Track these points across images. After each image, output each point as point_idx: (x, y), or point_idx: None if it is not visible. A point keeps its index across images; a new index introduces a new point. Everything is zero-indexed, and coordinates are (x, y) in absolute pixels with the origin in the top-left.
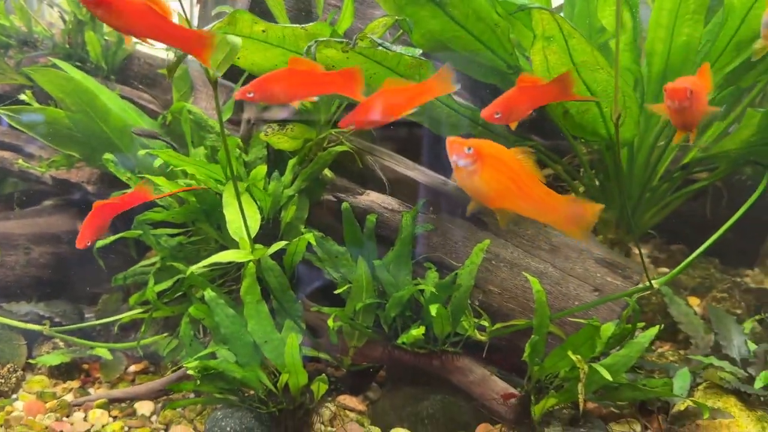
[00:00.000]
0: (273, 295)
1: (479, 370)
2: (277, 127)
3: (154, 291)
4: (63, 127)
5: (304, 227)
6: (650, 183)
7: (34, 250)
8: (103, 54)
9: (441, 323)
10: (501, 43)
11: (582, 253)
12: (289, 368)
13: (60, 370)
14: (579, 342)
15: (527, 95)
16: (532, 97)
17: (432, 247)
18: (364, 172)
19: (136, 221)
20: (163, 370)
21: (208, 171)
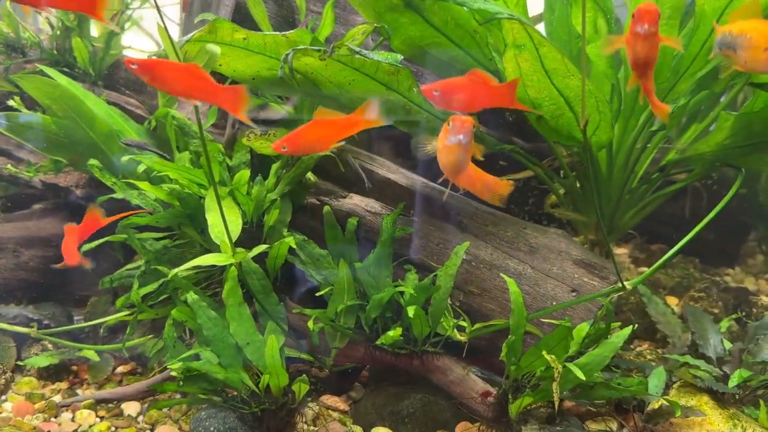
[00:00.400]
0: (255, 297)
1: (458, 369)
2: (260, 132)
3: (139, 294)
4: (50, 133)
5: (287, 230)
6: (629, 185)
7: (23, 254)
8: (91, 60)
9: (420, 324)
10: (480, 48)
11: (560, 254)
12: (270, 369)
13: (49, 372)
14: (553, 342)
15: (473, 89)
16: (476, 92)
17: (413, 249)
18: (348, 175)
19: (121, 226)
20: (150, 372)
21: (192, 176)
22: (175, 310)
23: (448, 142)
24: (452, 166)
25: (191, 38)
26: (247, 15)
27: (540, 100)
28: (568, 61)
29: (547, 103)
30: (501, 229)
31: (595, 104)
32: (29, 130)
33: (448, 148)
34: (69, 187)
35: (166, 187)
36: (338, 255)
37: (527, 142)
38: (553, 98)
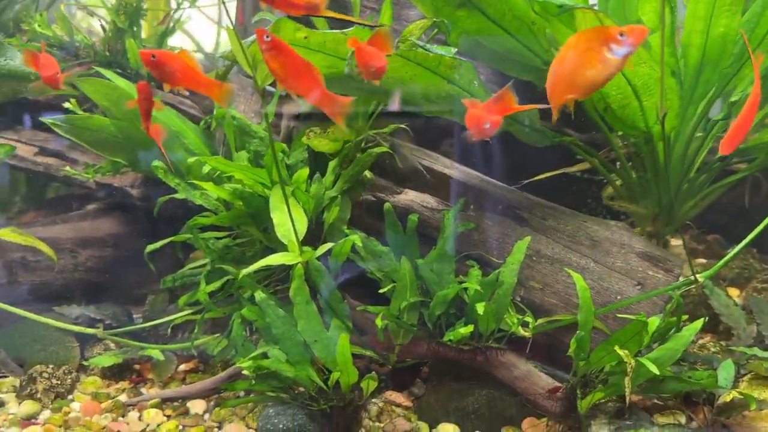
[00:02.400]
0: (320, 295)
1: (523, 365)
2: (319, 131)
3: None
4: (109, 135)
5: (346, 228)
6: (688, 175)
7: (80, 254)
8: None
9: (486, 321)
10: (537, 40)
11: (623, 248)
12: (340, 367)
13: (112, 371)
14: (626, 337)
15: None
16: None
17: (472, 245)
18: (402, 171)
19: (187, 226)
20: (212, 369)
21: (254, 175)
22: (245, 309)
23: (614, 54)
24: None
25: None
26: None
27: (608, 89)
28: (641, 50)
29: (615, 92)
30: (561, 223)
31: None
32: (87, 132)
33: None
34: (124, 187)
35: (228, 187)
36: (399, 251)
37: (581, 133)
38: (621, 87)
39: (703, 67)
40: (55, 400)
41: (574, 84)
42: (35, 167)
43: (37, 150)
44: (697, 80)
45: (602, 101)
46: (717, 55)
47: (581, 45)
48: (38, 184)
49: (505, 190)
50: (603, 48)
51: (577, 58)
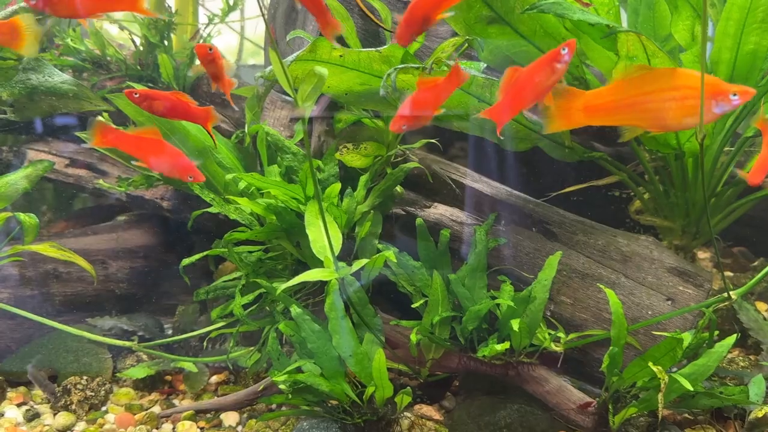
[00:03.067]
0: (354, 309)
1: (555, 379)
2: (352, 146)
3: (240, 306)
4: None
5: (377, 242)
6: (715, 189)
7: (111, 265)
8: (175, 75)
9: (520, 337)
10: None
11: (653, 262)
12: (376, 382)
13: (144, 383)
14: (660, 353)
15: (431, 94)
16: (435, 95)
17: (502, 259)
18: (431, 184)
19: (224, 240)
20: (244, 380)
21: (289, 191)
22: (281, 324)
23: (717, 110)
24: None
25: (295, 58)
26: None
27: None
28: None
29: None
30: (591, 238)
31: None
32: None
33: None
34: (155, 199)
35: (262, 202)
36: (431, 266)
37: (608, 146)
38: None
39: (732, 83)
40: (89, 411)
41: (667, 122)
42: (66, 179)
43: (68, 162)
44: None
45: None
46: (746, 72)
47: (687, 91)
48: (67, 195)
49: (534, 204)
50: (710, 101)
51: (678, 103)
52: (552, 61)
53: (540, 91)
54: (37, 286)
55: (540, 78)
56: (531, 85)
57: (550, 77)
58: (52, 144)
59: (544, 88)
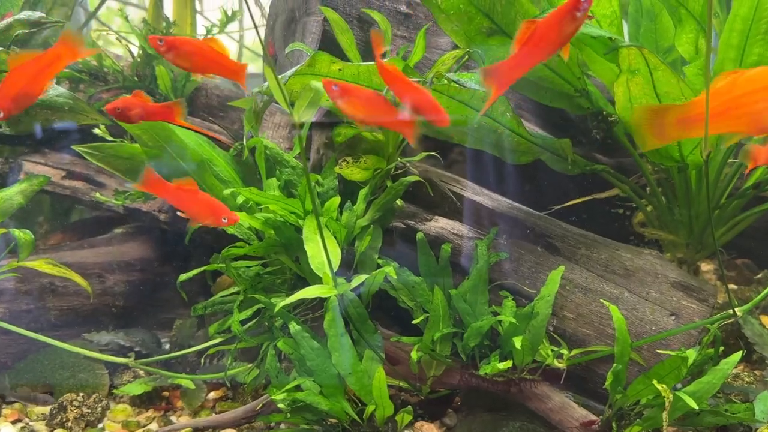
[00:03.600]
0: (353, 325)
1: (557, 396)
2: (351, 160)
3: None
4: (140, 162)
5: (377, 256)
6: (719, 202)
7: (108, 279)
8: (173, 86)
9: (522, 354)
10: (569, 67)
11: (657, 277)
12: (376, 401)
13: (141, 399)
14: (664, 371)
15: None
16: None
17: (504, 273)
18: (431, 197)
19: (222, 256)
20: (242, 397)
21: (287, 205)
22: (280, 342)
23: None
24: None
25: (294, 72)
26: (333, 41)
27: None
28: (684, 85)
29: None
30: (594, 252)
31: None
32: (119, 160)
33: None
34: (152, 211)
35: (260, 216)
36: (432, 282)
37: (610, 157)
38: None
39: None
40: (85, 428)
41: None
42: (63, 191)
43: (65, 173)
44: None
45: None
46: None
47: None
48: (63, 207)
49: (536, 218)
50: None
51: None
52: (572, 10)
53: (559, 43)
54: (33, 301)
55: (559, 28)
56: (550, 37)
57: (569, 27)
58: (48, 156)
59: (563, 39)
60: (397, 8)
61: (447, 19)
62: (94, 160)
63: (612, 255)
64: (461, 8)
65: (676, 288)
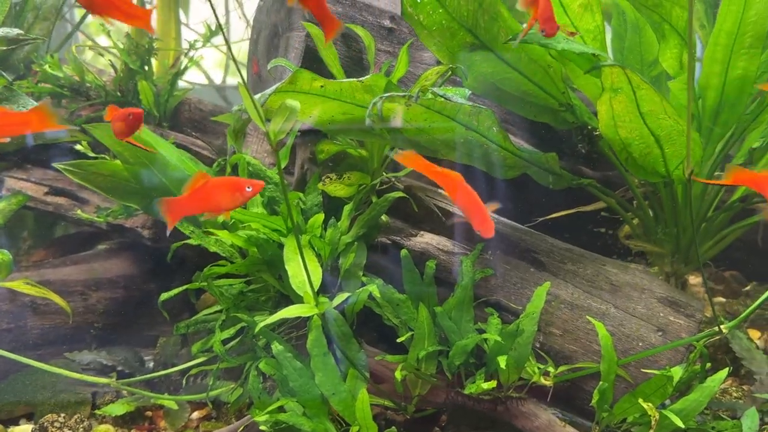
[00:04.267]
0: (337, 344)
1: (544, 414)
2: (335, 176)
3: (220, 341)
4: (121, 180)
5: (362, 274)
6: (706, 215)
7: (91, 296)
8: (156, 102)
9: (508, 373)
10: (553, 82)
11: (644, 292)
12: (359, 422)
13: (124, 419)
14: (650, 390)
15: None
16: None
17: (490, 289)
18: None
19: (202, 275)
20: (226, 416)
21: (270, 223)
22: (262, 363)
23: None
24: None
25: (274, 90)
26: (317, 57)
27: (630, 140)
28: (666, 104)
29: (637, 142)
30: (580, 267)
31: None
32: (99, 177)
33: None
34: (135, 228)
35: (242, 234)
36: (417, 299)
37: (596, 170)
38: (643, 138)
39: (721, 109)
40: None
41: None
42: (45, 207)
43: (48, 189)
44: (715, 121)
45: (624, 151)
46: (735, 97)
47: None
48: (47, 223)
49: (522, 233)
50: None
51: None
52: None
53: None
54: (14, 320)
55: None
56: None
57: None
58: (31, 171)
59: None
60: (381, 23)
61: (429, 35)
62: (75, 178)
63: (598, 270)
64: (444, 24)
65: (663, 303)
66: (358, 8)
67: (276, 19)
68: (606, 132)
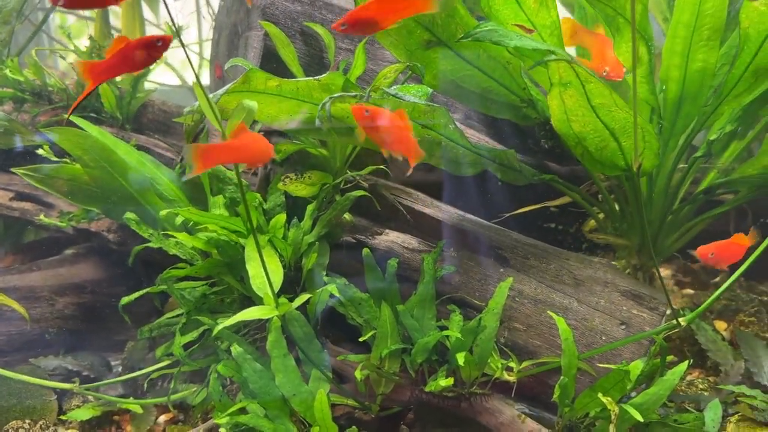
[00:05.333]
0: (298, 345)
1: (508, 410)
2: (295, 176)
3: (181, 345)
4: (81, 184)
5: (325, 273)
6: (671, 207)
7: (58, 302)
8: (118, 104)
9: (469, 369)
10: (513, 78)
11: (607, 286)
12: (319, 422)
13: (90, 424)
14: (609, 384)
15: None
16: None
17: (454, 286)
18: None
19: (161, 278)
20: (192, 419)
21: (230, 224)
22: (220, 365)
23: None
24: None
25: (227, 90)
26: (276, 56)
27: (585, 134)
28: (616, 96)
29: (591, 136)
30: (543, 262)
31: (642, 134)
32: (60, 182)
33: None
34: (100, 232)
35: (203, 236)
36: (379, 297)
37: (562, 165)
38: (598, 131)
39: (683, 101)
40: None
41: None
42: (11, 212)
43: (13, 195)
44: (677, 114)
45: (579, 146)
46: (696, 90)
47: None
48: (15, 228)
49: (487, 229)
50: None
51: None
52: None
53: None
54: None
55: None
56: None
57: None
58: None
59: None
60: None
61: (386, 33)
62: (34, 182)
63: (562, 265)
64: (400, 21)
65: (626, 297)
66: (318, 6)
67: (236, 19)
68: (559, 127)
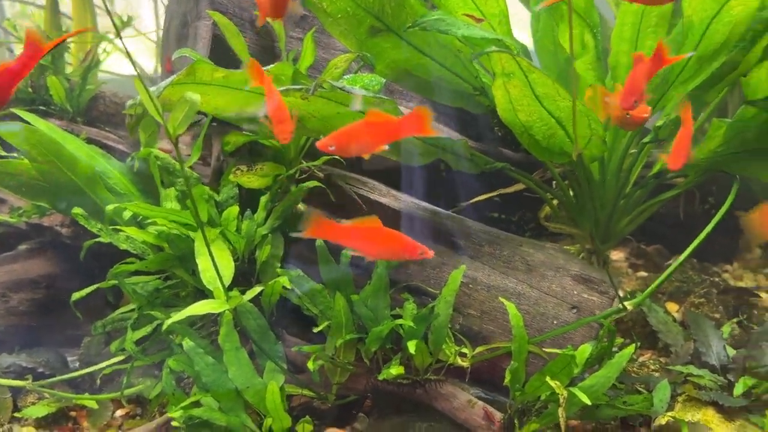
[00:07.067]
0: (252, 337)
1: (462, 395)
2: (246, 168)
3: (133, 340)
4: (30, 178)
5: (280, 265)
6: (623, 191)
7: (12, 298)
8: (68, 96)
9: (421, 356)
10: (465, 66)
11: (558, 271)
12: (271, 413)
13: (47, 420)
14: (557, 368)
15: (375, 130)
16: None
17: (410, 275)
18: (339, 201)
19: (111, 273)
20: (150, 413)
21: (179, 218)
22: (171, 360)
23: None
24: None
25: (170, 82)
26: (226, 46)
27: (531, 122)
28: (558, 86)
29: (538, 125)
30: (497, 249)
31: (587, 122)
32: (7, 176)
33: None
34: (53, 226)
35: (153, 230)
36: (334, 288)
37: (516, 152)
38: (544, 120)
39: None
40: None
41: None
42: None
43: None
44: None
45: (526, 134)
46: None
47: None
48: None
49: (442, 217)
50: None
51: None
52: None
53: None
54: None
55: None
56: None
57: None
58: None
59: None
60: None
61: (335, 22)
62: None
63: (514, 251)
64: (349, 11)
65: (577, 281)
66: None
67: (185, 8)
68: (505, 116)
